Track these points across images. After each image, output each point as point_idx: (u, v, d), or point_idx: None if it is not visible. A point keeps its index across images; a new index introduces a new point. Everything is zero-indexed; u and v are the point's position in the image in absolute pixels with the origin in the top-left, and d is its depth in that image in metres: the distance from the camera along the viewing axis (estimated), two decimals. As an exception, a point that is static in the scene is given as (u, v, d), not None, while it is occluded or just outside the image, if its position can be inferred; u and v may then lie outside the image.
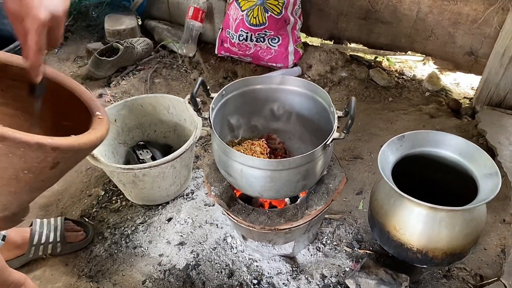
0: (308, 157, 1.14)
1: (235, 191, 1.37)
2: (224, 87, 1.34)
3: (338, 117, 1.22)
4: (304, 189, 1.25)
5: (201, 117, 1.25)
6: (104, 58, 2.41)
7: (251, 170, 1.15)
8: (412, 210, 1.29)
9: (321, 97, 1.31)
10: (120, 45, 2.46)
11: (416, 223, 1.29)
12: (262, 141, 1.39)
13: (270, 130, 1.49)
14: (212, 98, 1.30)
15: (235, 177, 1.21)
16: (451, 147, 1.41)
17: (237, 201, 1.32)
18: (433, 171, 1.47)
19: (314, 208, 1.26)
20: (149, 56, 2.62)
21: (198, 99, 1.21)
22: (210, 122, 1.22)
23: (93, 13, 3.06)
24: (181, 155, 1.59)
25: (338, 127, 1.19)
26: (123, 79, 2.46)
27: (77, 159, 0.90)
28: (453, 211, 1.25)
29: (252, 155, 1.32)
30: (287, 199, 1.40)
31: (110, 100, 2.30)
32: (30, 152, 0.73)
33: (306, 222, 1.27)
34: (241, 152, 1.35)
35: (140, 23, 2.90)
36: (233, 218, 1.31)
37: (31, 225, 1.58)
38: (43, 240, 1.55)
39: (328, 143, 1.15)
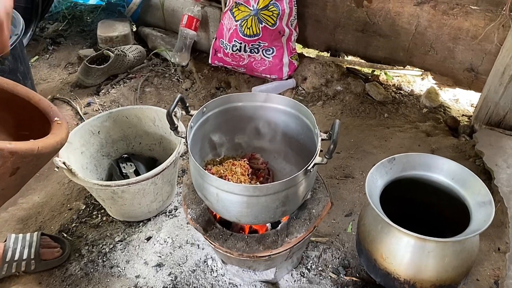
0: (288, 183, 1.07)
1: (214, 214, 1.30)
2: (205, 104, 1.27)
3: (322, 139, 1.15)
4: (284, 215, 1.18)
5: (178, 136, 1.19)
6: (94, 65, 2.36)
7: (227, 194, 1.08)
8: (400, 239, 1.22)
9: (306, 117, 1.25)
10: (111, 53, 2.40)
11: (404, 253, 1.22)
12: (244, 161, 1.32)
13: (255, 149, 1.43)
14: (191, 115, 1.24)
15: (211, 200, 1.14)
16: (443, 171, 1.34)
17: (215, 225, 1.25)
18: (425, 196, 1.40)
19: (294, 235, 1.19)
20: (141, 64, 2.57)
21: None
22: (187, 141, 1.16)
23: (88, 18, 3.02)
24: (162, 171, 1.53)
25: (321, 150, 1.12)
26: (113, 88, 2.40)
27: (38, 164, 0.89)
28: (442, 243, 1.18)
29: (232, 176, 1.26)
30: (268, 224, 1.33)
31: (99, 109, 2.24)
32: None
33: (286, 249, 1.20)
34: (221, 172, 1.28)
35: (134, 29, 2.84)
36: (210, 243, 1.24)
37: (5, 241, 1.52)
38: (16, 257, 1.49)
39: (309, 168, 1.08)
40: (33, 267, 1.50)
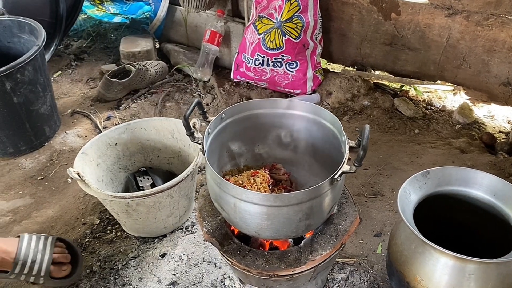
0: (312, 192, 0.98)
1: (231, 228, 1.21)
2: (224, 109, 1.20)
3: (350, 147, 1.05)
4: (308, 230, 1.08)
5: (195, 142, 1.11)
6: (115, 80, 2.33)
7: (245, 204, 0.99)
8: (437, 259, 1.10)
9: (332, 124, 1.16)
10: (132, 67, 2.37)
11: (441, 275, 1.10)
12: (265, 171, 1.23)
13: (276, 159, 1.34)
14: (209, 121, 1.17)
15: (228, 212, 1.06)
16: (483, 186, 1.22)
17: (233, 240, 1.16)
18: (463, 214, 1.28)
19: (319, 253, 1.08)
20: (163, 79, 2.53)
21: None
22: (203, 147, 1.08)
23: (112, 35, 3.03)
24: (178, 183, 1.45)
25: (349, 159, 1.02)
26: (134, 102, 2.36)
27: None
28: (485, 264, 1.05)
29: (251, 187, 1.17)
30: (290, 240, 1.22)
31: (118, 123, 2.20)
32: None
33: (309, 268, 1.09)
34: (240, 182, 1.20)
35: (157, 46, 2.83)
36: (227, 259, 1.14)
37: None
38: (25, 271, 1.38)
39: (336, 177, 0.98)
40: (41, 282, 1.42)
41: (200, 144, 1.10)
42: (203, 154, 1.07)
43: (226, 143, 1.26)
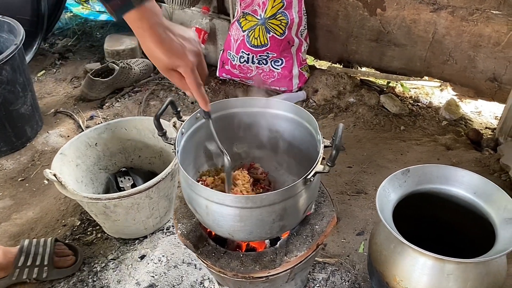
0: (285, 193, 0.95)
1: (208, 230, 1.18)
2: (199, 109, 1.17)
3: (325, 146, 1.03)
4: (283, 231, 1.06)
5: (167, 142, 1.08)
6: (98, 78, 2.30)
7: (217, 206, 0.97)
8: (416, 259, 1.08)
9: (308, 123, 1.13)
10: (116, 66, 2.34)
11: (420, 275, 1.08)
12: (242, 170, 1.21)
13: (254, 159, 1.31)
14: (183, 121, 1.14)
15: (201, 214, 1.03)
16: (464, 184, 1.20)
17: (208, 242, 1.13)
18: (444, 212, 1.26)
19: (294, 254, 1.06)
20: (148, 77, 2.50)
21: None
22: (175, 148, 1.05)
23: (98, 33, 2.99)
24: (156, 184, 1.43)
25: (323, 158, 1.00)
26: (118, 101, 2.33)
27: None
28: (464, 264, 1.03)
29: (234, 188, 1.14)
30: (267, 241, 1.20)
31: (101, 122, 2.16)
32: None
33: (285, 270, 1.07)
34: (217, 183, 1.18)
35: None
36: (202, 262, 1.12)
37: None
38: (29, 263, 1.43)
39: (309, 177, 0.96)
40: (45, 275, 1.43)
41: (172, 144, 1.07)
42: (175, 155, 1.05)
43: (202, 143, 1.23)
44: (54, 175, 1.41)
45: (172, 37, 0.87)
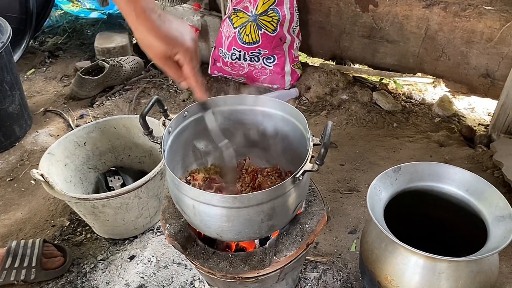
0: (273, 192, 0.93)
1: (196, 231, 1.16)
2: (187, 107, 1.15)
3: (314, 144, 1.01)
4: (272, 231, 1.04)
5: (153, 141, 1.06)
6: (88, 77, 2.27)
7: (204, 206, 0.95)
8: (407, 258, 1.07)
9: (298, 120, 1.11)
10: (106, 64, 2.31)
11: (412, 275, 1.07)
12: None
13: (245, 158, 1.29)
14: (170, 120, 1.12)
15: (188, 214, 1.01)
16: (456, 181, 1.19)
17: (196, 242, 1.11)
18: (436, 210, 1.25)
19: (284, 254, 1.04)
20: (139, 75, 2.48)
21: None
22: (162, 147, 1.03)
23: (88, 31, 2.96)
24: (145, 183, 1.41)
25: (313, 156, 0.98)
26: (108, 99, 2.31)
27: None
28: (455, 262, 1.02)
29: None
30: (256, 240, 1.18)
31: (91, 121, 2.14)
32: None
33: (275, 270, 1.05)
34: (207, 176, 1.17)
35: (134, 41, 2.76)
36: (191, 263, 1.10)
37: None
38: (16, 264, 1.40)
39: (298, 175, 0.94)
40: (33, 276, 1.41)
41: (159, 144, 1.05)
42: (162, 154, 1.03)
43: (191, 141, 1.21)
44: (42, 175, 1.39)
45: (168, 23, 0.83)
